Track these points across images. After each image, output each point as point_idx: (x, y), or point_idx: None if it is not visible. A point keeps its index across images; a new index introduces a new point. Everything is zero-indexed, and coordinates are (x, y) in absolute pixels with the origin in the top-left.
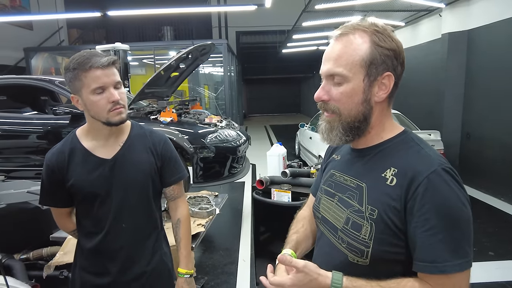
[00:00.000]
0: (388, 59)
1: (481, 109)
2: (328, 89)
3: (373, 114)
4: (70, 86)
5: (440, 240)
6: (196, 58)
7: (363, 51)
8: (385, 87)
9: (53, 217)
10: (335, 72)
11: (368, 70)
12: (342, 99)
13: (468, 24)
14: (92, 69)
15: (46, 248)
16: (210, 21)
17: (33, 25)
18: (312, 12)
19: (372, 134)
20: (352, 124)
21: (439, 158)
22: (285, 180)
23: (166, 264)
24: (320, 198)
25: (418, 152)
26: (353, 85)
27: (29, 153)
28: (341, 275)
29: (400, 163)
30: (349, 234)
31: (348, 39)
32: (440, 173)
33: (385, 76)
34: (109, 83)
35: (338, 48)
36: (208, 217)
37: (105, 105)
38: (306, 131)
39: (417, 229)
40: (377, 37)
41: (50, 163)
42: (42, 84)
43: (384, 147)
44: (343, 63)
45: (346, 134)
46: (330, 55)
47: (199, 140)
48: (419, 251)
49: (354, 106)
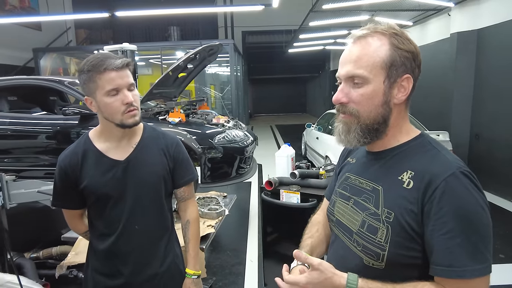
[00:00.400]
0: (407, 61)
1: (491, 110)
2: (347, 92)
3: (392, 116)
4: (84, 88)
5: (458, 244)
6: (203, 59)
7: (383, 53)
8: (404, 89)
9: (65, 218)
10: (355, 74)
11: (388, 72)
12: (362, 101)
13: (478, 23)
14: (106, 71)
15: (55, 247)
16: (216, 21)
17: (42, 26)
18: (319, 12)
19: (389, 136)
20: (371, 126)
21: (458, 162)
22: (294, 181)
23: (178, 266)
24: (335, 201)
25: (435, 155)
26: (373, 87)
27: (38, 153)
28: (356, 276)
29: (417, 166)
30: (364, 237)
31: (367, 41)
32: (458, 176)
33: (405, 78)
34: (123, 85)
35: (357, 50)
36: (217, 218)
37: (119, 107)
38: (313, 131)
39: (434, 232)
40: (396, 39)
41: (63, 165)
42: (51, 85)
43: (400, 150)
44: (363, 64)
45: (364, 136)
46: (349, 58)
47: (207, 141)
48: (436, 255)
49: (374, 108)
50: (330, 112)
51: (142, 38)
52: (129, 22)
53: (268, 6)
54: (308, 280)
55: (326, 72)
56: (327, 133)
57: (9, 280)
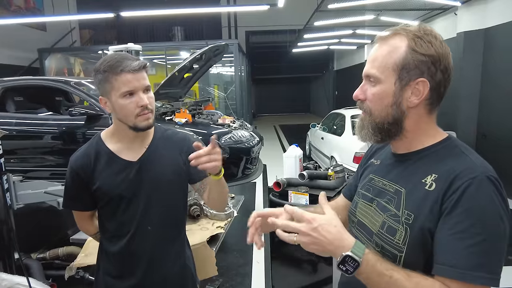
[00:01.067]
0: (422, 65)
1: (498, 110)
2: (365, 89)
3: (408, 119)
4: (99, 87)
5: (469, 246)
6: (209, 59)
7: (397, 55)
8: (418, 93)
9: (75, 220)
10: (369, 73)
11: (399, 74)
12: (374, 99)
13: (485, 22)
14: (123, 72)
15: (62, 248)
16: (220, 21)
17: (47, 26)
18: (324, 12)
19: (410, 139)
20: (381, 125)
21: (485, 166)
22: (302, 182)
23: (189, 268)
24: (357, 203)
25: (462, 159)
26: (384, 87)
27: (45, 154)
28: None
29: (441, 169)
30: (383, 238)
31: (387, 42)
32: (482, 181)
33: (419, 81)
34: (139, 88)
35: (376, 50)
36: (226, 219)
37: (133, 109)
38: (318, 131)
39: (443, 231)
40: (415, 41)
41: (75, 166)
42: (58, 85)
43: (426, 153)
44: (377, 65)
45: (375, 134)
46: (369, 57)
47: None
48: (442, 254)
49: (383, 107)
50: (335, 112)
51: (146, 38)
52: (133, 22)
53: (274, 6)
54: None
55: (330, 72)
56: (332, 133)
57: (18, 282)
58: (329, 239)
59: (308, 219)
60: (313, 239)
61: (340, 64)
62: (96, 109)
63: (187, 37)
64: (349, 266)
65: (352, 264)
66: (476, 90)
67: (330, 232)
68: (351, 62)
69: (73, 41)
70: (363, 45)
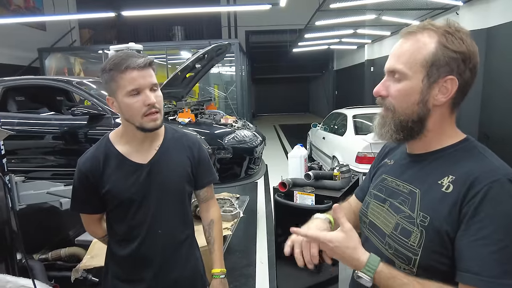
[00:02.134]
0: (453, 62)
1: (500, 110)
2: (387, 85)
3: (431, 118)
4: (106, 87)
5: (492, 253)
6: (211, 58)
7: (427, 50)
8: (446, 91)
9: (83, 223)
10: (395, 68)
11: (428, 71)
12: (399, 96)
13: (487, 22)
14: (128, 70)
15: (64, 249)
16: (220, 21)
17: (46, 26)
18: (325, 11)
19: (429, 138)
20: (405, 123)
21: (506, 169)
22: (308, 182)
23: (199, 270)
24: (369, 203)
25: (481, 160)
26: (411, 84)
27: (46, 154)
28: (378, 260)
29: (459, 171)
30: (397, 240)
31: (415, 37)
32: (504, 184)
33: (448, 79)
34: (145, 85)
35: (403, 45)
36: (232, 220)
37: (140, 108)
38: (319, 131)
39: (466, 237)
40: (446, 38)
41: (83, 168)
42: (60, 85)
43: (443, 153)
44: (404, 60)
45: (397, 132)
46: (394, 52)
47: (216, 141)
48: (466, 261)
49: (409, 105)
50: (337, 112)
51: (146, 38)
52: (133, 22)
53: (275, 5)
54: (331, 239)
55: (330, 71)
56: (334, 133)
57: (23, 284)
58: (343, 257)
59: (324, 239)
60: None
61: (340, 64)
62: (99, 108)
63: (187, 37)
64: (363, 281)
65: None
66: (478, 90)
67: (344, 253)
68: (351, 62)
69: (73, 40)
70: (363, 44)
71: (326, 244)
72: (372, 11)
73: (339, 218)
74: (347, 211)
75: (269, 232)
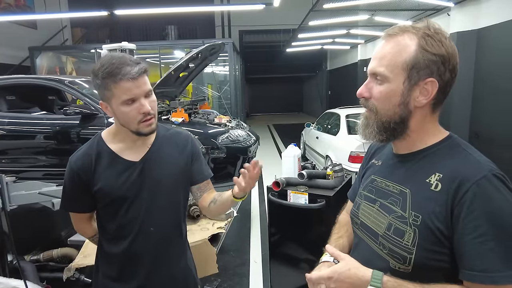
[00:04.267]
0: (433, 65)
1: (490, 109)
2: (370, 87)
3: (413, 118)
4: (98, 93)
5: (491, 249)
6: (205, 58)
7: (407, 53)
8: (426, 93)
9: (72, 222)
10: (377, 71)
11: (409, 74)
12: (381, 98)
13: (478, 23)
14: (122, 81)
15: (56, 250)
16: (214, 20)
17: (37, 24)
18: (319, 11)
19: (413, 138)
20: (387, 124)
21: (489, 164)
22: (301, 182)
23: (191, 270)
24: (360, 204)
25: (466, 157)
26: (392, 86)
27: (38, 154)
28: (381, 273)
29: (446, 169)
30: (391, 240)
31: (396, 40)
32: (490, 179)
33: (428, 81)
34: (140, 94)
35: (384, 48)
36: (226, 220)
37: (135, 116)
38: (312, 130)
39: (464, 236)
40: (425, 40)
41: (75, 167)
42: (52, 84)
43: (428, 152)
44: (385, 63)
45: (380, 133)
46: (376, 54)
47: (210, 141)
48: (468, 259)
49: (391, 107)
50: (330, 112)
51: (139, 37)
52: (126, 20)
53: (269, 5)
54: (331, 272)
55: (323, 71)
56: (327, 132)
57: (14, 285)
58: (350, 282)
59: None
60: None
61: (333, 64)
62: (91, 108)
63: (181, 36)
64: None
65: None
66: (469, 90)
67: (349, 276)
68: (344, 62)
69: (64, 39)
70: (356, 45)
71: (330, 279)
72: (365, 11)
73: (334, 254)
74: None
75: (262, 231)
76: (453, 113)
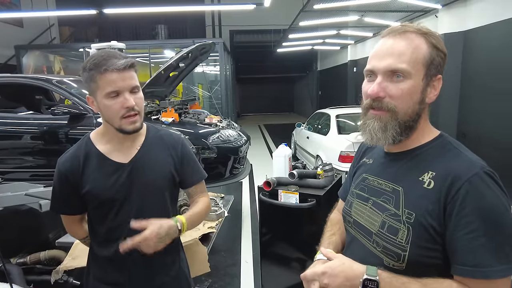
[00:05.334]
0: (442, 62)
1: (477, 109)
2: (384, 86)
3: (422, 116)
4: (86, 86)
5: (483, 245)
6: (195, 58)
7: (424, 50)
8: (435, 90)
9: (64, 224)
10: (398, 68)
11: (427, 70)
12: (402, 95)
13: (465, 25)
14: (107, 71)
15: (44, 252)
16: (204, 19)
17: (24, 22)
18: (309, 12)
19: (412, 137)
20: (408, 123)
21: (480, 162)
22: (292, 181)
23: (184, 272)
24: (352, 202)
25: (457, 155)
26: (414, 83)
27: (25, 154)
28: (376, 267)
29: (438, 167)
30: (385, 238)
31: (408, 37)
32: (482, 177)
33: (437, 78)
34: (125, 88)
35: (397, 45)
36: (217, 220)
37: (118, 110)
38: (303, 130)
39: (457, 232)
40: (434, 39)
41: (63, 168)
42: (38, 83)
43: (421, 151)
44: (406, 59)
45: (400, 133)
46: (390, 51)
47: (201, 141)
48: (460, 255)
49: (412, 104)
50: (320, 112)
51: (129, 36)
52: (115, 19)
53: (260, 5)
54: (324, 268)
55: (314, 72)
56: (318, 132)
57: None
58: (343, 276)
59: (320, 272)
60: (334, 281)
61: (324, 64)
62: (80, 108)
63: (171, 36)
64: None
65: (372, 285)
66: (456, 90)
67: (343, 270)
68: (334, 63)
69: (52, 38)
70: (346, 45)
71: (324, 274)
72: (355, 12)
73: (327, 255)
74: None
75: (253, 231)
76: (441, 113)
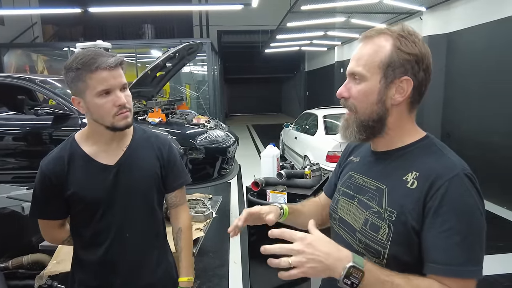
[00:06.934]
0: (407, 64)
1: (460, 110)
2: (349, 87)
3: (390, 117)
4: (71, 87)
5: (457, 243)
6: (182, 58)
7: (383, 53)
8: (402, 91)
9: (40, 228)
10: (355, 71)
11: (385, 72)
12: (359, 97)
13: (448, 27)
14: (98, 70)
15: (26, 256)
16: (192, 19)
17: (5, 20)
18: (297, 13)
19: (391, 136)
20: (366, 123)
21: (462, 164)
22: (280, 181)
23: (172, 275)
24: (338, 200)
25: (441, 157)
26: (370, 85)
27: (6, 156)
28: (363, 258)
29: (422, 167)
30: (367, 235)
31: (372, 41)
32: (462, 178)
33: (403, 80)
34: (116, 86)
35: (362, 49)
36: (205, 221)
37: (110, 108)
38: (291, 131)
39: (432, 230)
40: (400, 41)
41: (46, 170)
42: (21, 83)
43: (406, 151)
44: (362, 63)
45: (360, 132)
46: (354, 55)
47: (189, 141)
48: (433, 252)
49: (369, 105)
50: (308, 112)
51: (115, 35)
52: (101, 18)
53: (247, 6)
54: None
55: (302, 72)
56: (305, 132)
57: None
58: (326, 252)
59: (300, 236)
60: (309, 255)
61: (311, 65)
62: (64, 108)
63: (158, 35)
64: (354, 278)
65: (357, 275)
66: (440, 91)
67: (325, 245)
68: (321, 64)
69: (35, 36)
70: (333, 46)
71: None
72: (342, 13)
73: (311, 229)
74: (313, 205)
75: (242, 231)
76: (425, 114)
